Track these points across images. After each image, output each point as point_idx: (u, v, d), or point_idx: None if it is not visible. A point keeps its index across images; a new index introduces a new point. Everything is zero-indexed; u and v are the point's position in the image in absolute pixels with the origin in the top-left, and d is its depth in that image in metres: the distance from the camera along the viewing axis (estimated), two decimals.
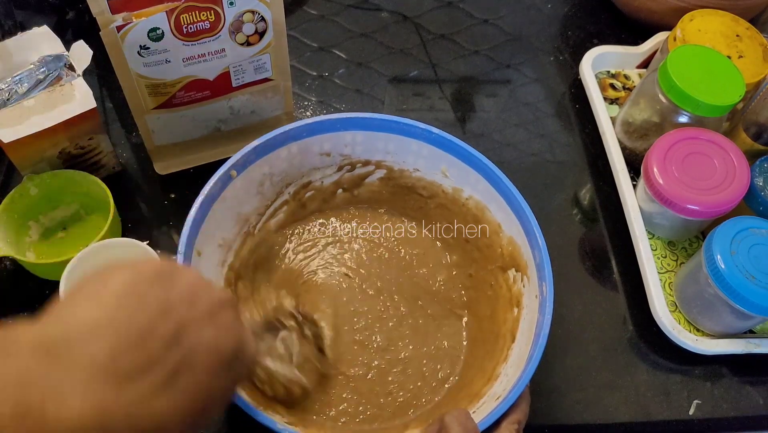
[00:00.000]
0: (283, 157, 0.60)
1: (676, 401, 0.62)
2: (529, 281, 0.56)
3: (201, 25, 0.57)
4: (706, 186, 0.63)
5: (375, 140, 0.62)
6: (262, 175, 0.60)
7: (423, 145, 0.61)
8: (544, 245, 0.54)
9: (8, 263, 0.63)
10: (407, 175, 0.65)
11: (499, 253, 0.61)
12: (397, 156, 0.63)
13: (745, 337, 0.64)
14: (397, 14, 0.89)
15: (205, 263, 0.55)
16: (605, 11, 0.91)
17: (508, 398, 0.48)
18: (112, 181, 0.66)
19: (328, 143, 0.62)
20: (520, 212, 0.57)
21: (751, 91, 0.70)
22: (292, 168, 0.62)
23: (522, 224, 0.57)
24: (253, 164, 0.58)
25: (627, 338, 0.65)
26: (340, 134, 0.61)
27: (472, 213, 0.63)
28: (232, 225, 0.59)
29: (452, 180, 0.63)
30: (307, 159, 0.62)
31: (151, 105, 0.63)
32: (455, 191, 0.63)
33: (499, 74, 0.85)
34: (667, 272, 0.67)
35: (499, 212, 0.60)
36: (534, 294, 0.54)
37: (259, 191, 0.61)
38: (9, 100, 0.59)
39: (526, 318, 0.55)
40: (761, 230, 0.59)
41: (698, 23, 0.73)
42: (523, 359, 0.51)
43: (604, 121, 0.75)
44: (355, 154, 0.63)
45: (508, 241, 0.59)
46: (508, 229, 0.59)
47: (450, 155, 0.61)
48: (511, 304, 0.58)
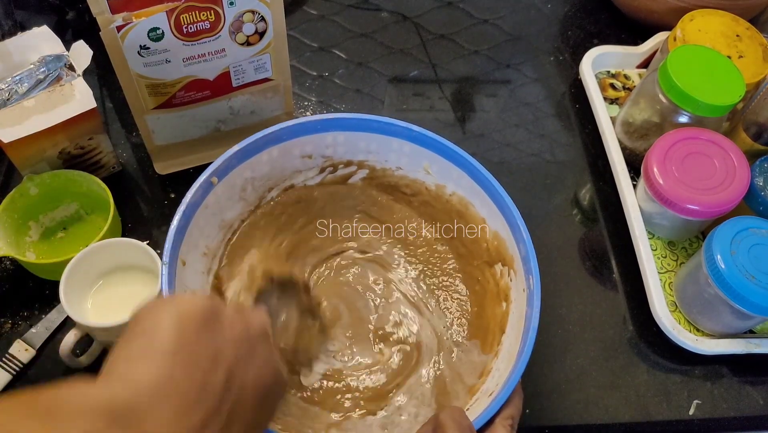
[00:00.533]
0: (265, 161, 0.60)
1: (676, 401, 0.62)
2: (516, 274, 0.56)
3: (201, 25, 0.57)
4: (706, 186, 0.63)
5: (356, 140, 0.62)
6: (244, 180, 0.60)
7: (404, 143, 0.61)
8: (528, 238, 0.54)
9: (8, 262, 0.63)
10: (390, 174, 0.65)
11: (484, 248, 0.61)
12: (379, 155, 0.63)
13: (745, 337, 0.64)
14: (397, 14, 0.89)
15: (190, 272, 0.55)
16: (605, 11, 0.91)
17: (500, 395, 0.48)
18: (112, 181, 0.66)
19: (309, 145, 0.61)
20: (504, 207, 0.57)
21: (751, 91, 0.70)
22: (274, 171, 0.62)
23: (506, 218, 0.57)
24: (234, 170, 0.58)
25: (627, 338, 0.65)
26: (321, 135, 0.61)
27: (456, 209, 0.63)
28: (215, 232, 0.59)
29: (435, 177, 0.63)
30: (288, 162, 0.62)
31: (151, 105, 0.63)
32: (438, 188, 0.63)
33: (499, 74, 0.85)
34: (667, 272, 0.67)
35: (482, 207, 0.60)
36: (522, 288, 0.54)
37: (241, 197, 0.60)
38: (9, 100, 0.59)
39: (515, 312, 0.55)
40: (761, 230, 0.59)
41: (698, 23, 0.73)
42: (514, 353, 0.51)
43: (604, 121, 0.75)
44: (336, 155, 0.63)
45: (493, 235, 0.59)
46: (493, 223, 0.59)
47: (432, 152, 0.61)
48: (499, 298, 0.58)
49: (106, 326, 0.53)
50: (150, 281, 0.59)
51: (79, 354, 0.57)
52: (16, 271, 0.62)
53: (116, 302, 0.58)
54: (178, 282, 0.51)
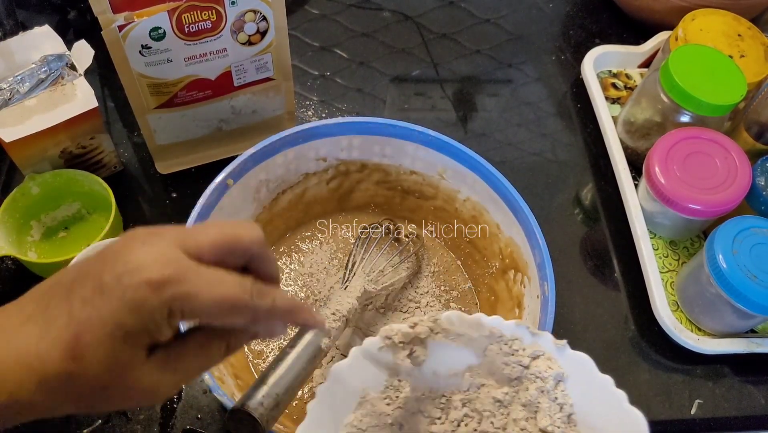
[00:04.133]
0: (280, 163, 0.60)
1: (677, 400, 0.62)
2: (529, 281, 0.56)
3: (203, 24, 0.57)
4: (708, 185, 0.63)
5: (371, 144, 0.62)
6: (259, 182, 0.60)
7: (419, 147, 0.61)
8: (544, 244, 0.54)
9: (10, 262, 0.63)
10: (404, 178, 0.65)
11: (498, 254, 0.61)
12: (393, 159, 0.63)
13: (747, 336, 0.63)
14: (399, 14, 0.89)
15: None
16: (607, 10, 0.91)
17: None
18: (114, 181, 0.66)
19: (324, 148, 0.61)
20: (519, 212, 0.57)
21: (753, 91, 0.70)
22: (288, 173, 0.62)
23: (521, 224, 0.57)
24: (249, 172, 0.58)
25: (628, 338, 0.65)
26: (337, 139, 0.61)
27: (470, 214, 0.63)
28: None
29: (449, 182, 0.63)
30: (303, 164, 0.62)
31: (153, 104, 0.63)
32: (452, 193, 0.63)
33: (501, 74, 0.85)
34: (669, 272, 0.67)
35: (497, 213, 0.60)
36: (535, 294, 0.54)
37: (255, 198, 0.61)
38: (11, 100, 0.59)
39: (528, 318, 0.55)
40: (763, 230, 0.59)
41: (700, 23, 0.73)
42: None
43: (605, 120, 0.75)
44: (351, 158, 0.63)
45: (507, 241, 0.59)
46: (507, 229, 0.59)
47: (447, 157, 0.61)
48: (512, 305, 0.58)
49: None
50: None
51: None
52: (17, 271, 0.62)
53: None
54: None
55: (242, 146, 0.60)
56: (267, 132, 0.62)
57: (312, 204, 0.66)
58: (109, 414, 0.56)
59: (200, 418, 0.57)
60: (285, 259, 0.65)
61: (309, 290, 0.63)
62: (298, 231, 0.66)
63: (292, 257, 0.65)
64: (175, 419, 0.56)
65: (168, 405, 0.57)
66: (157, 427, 0.56)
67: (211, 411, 0.57)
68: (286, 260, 0.65)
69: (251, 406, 0.43)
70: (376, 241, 0.61)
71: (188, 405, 0.57)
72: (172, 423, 0.56)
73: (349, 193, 0.66)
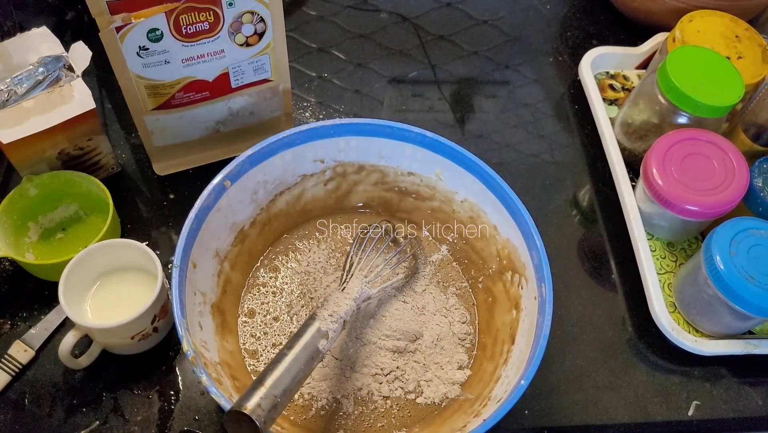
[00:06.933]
0: (277, 164, 0.60)
1: (675, 401, 0.62)
2: (527, 282, 0.56)
3: (200, 25, 0.57)
4: (705, 187, 0.63)
5: (369, 145, 0.62)
6: (256, 184, 0.60)
7: (417, 149, 0.61)
8: (542, 246, 0.54)
9: (7, 263, 0.63)
10: (401, 179, 0.65)
11: (495, 255, 0.61)
12: (391, 160, 0.63)
13: (744, 338, 0.64)
14: (396, 15, 0.89)
15: (201, 275, 0.55)
16: (604, 12, 0.91)
17: (508, 401, 0.48)
18: (112, 182, 0.66)
19: (322, 149, 0.61)
20: (517, 214, 0.57)
21: (751, 92, 0.70)
22: (286, 175, 0.62)
23: (519, 226, 0.57)
24: (247, 173, 0.58)
25: (626, 339, 0.65)
26: (334, 140, 0.61)
27: (468, 215, 0.63)
28: (226, 234, 0.59)
29: (447, 183, 0.63)
30: (300, 165, 0.62)
31: (150, 106, 0.63)
32: (450, 194, 0.63)
33: (498, 75, 0.85)
34: (666, 273, 0.67)
35: (495, 214, 0.60)
36: (533, 296, 0.54)
37: (253, 199, 0.61)
38: (8, 101, 0.59)
39: (526, 320, 0.55)
40: (760, 231, 0.59)
41: (697, 24, 0.73)
42: (524, 360, 0.51)
43: (603, 122, 0.75)
44: (349, 159, 0.63)
45: (505, 243, 0.59)
46: (505, 231, 0.59)
47: (444, 158, 0.61)
48: (509, 306, 0.58)
49: (105, 326, 0.53)
50: (149, 281, 0.59)
51: (78, 355, 0.57)
52: (15, 272, 0.62)
53: (115, 303, 0.58)
54: (188, 284, 0.52)
55: (240, 148, 0.60)
56: (265, 133, 0.62)
57: (310, 205, 0.66)
58: (106, 415, 0.56)
59: (198, 419, 0.57)
60: (282, 258, 0.65)
61: (306, 289, 0.63)
62: (295, 231, 0.66)
63: (290, 256, 0.65)
64: (173, 421, 0.56)
65: (166, 406, 0.57)
66: (155, 428, 0.56)
67: (209, 412, 0.57)
68: (283, 259, 0.65)
69: (249, 407, 0.43)
70: (374, 242, 0.61)
71: (186, 406, 0.57)
72: (170, 424, 0.56)
73: (346, 195, 0.67)
